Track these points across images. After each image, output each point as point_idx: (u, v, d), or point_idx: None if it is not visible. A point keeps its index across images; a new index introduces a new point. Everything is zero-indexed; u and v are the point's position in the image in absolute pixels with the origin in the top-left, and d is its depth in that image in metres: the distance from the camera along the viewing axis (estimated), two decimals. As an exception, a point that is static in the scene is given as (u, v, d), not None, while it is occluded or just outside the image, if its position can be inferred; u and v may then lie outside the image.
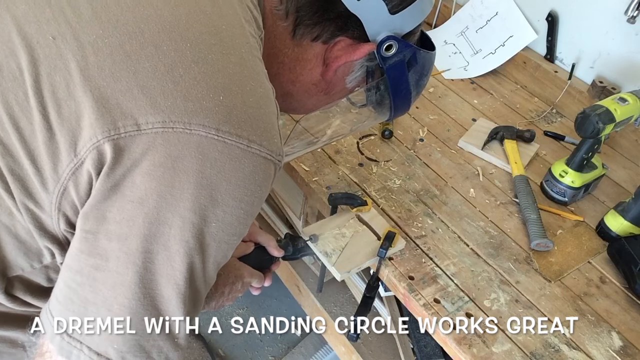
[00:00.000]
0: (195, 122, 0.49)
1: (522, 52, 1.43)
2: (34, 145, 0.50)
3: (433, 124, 1.29)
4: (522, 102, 1.41)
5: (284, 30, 0.65)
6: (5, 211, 0.53)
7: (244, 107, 0.52)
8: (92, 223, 0.52)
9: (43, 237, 0.55)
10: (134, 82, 0.49)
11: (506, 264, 0.98)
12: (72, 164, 0.50)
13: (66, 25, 0.51)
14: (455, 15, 1.55)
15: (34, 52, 0.50)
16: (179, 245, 0.52)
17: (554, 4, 1.37)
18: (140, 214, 0.50)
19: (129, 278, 0.52)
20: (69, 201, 0.53)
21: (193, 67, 0.50)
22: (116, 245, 0.51)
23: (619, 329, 0.90)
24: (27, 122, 0.50)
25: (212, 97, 0.50)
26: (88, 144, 0.49)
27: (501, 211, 1.08)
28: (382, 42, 0.66)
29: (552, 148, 1.27)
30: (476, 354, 0.83)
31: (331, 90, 0.73)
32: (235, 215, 0.54)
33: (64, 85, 0.49)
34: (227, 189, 0.52)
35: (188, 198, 0.50)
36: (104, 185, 0.50)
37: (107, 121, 0.48)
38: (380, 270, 0.94)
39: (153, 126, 0.48)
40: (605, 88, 1.29)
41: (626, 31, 1.25)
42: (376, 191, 1.09)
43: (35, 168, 0.51)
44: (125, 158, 0.49)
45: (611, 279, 0.98)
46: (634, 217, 1.01)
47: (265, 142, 0.52)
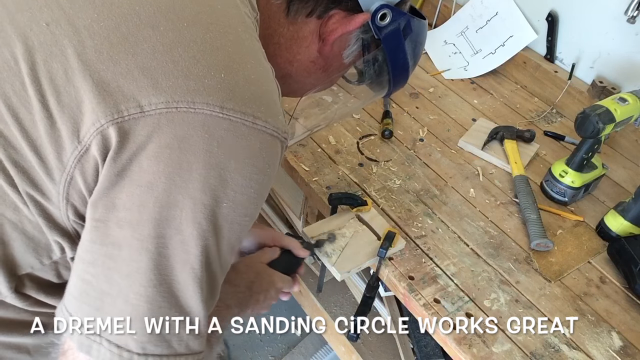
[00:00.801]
0: (198, 101, 0.48)
1: (522, 52, 1.43)
2: (36, 135, 0.50)
3: (433, 124, 1.29)
4: (522, 102, 1.41)
5: (278, 8, 0.64)
6: (10, 206, 0.52)
7: (246, 84, 0.51)
8: (101, 211, 0.51)
9: (52, 230, 0.54)
10: (134, 63, 0.48)
11: (506, 264, 0.98)
12: (77, 151, 0.49)
13: (59, 11, 0.50)
14: (455, 15, 1.55)
15: (28, 40, 0.49)
16: (192, 228, 0.51)
17: (554, 4, 1.37)
18: (150, 198, 0.49)
19: (143, 265, 0.51)
20: (77, 190, 0.52)
21: (192, 46, 0.50)
22: (128, 232, 0.50)
23: (619, 329, 0.90)
24: (27, 111, 0.49)
25: (213, 74, 0.49)
26: (92, 129, 0.48)
27: (501, 211, 1.08)
28: (376, 12, 0.66)
29: (552, 148, 1.27)
30: (476, 354, 0.83)
31: (329, 66, 0.72)
32: (246, 195, 0.53)
33: (62, 71, 0.49)
34: (236, 168, 0.51)
35: (197, 179, 0.50)
36: (110, 170, 0.49)
37: (109, 105, 0.48)
38: (380, 270, 0.94)
39: (156, 107, 0.48)
40: (605, 88, 1.29)
41: (626, 31, 1.25)
42: (376, 191, 1.09)
43: (39, 158, 0.50)
44: (131, 142, 0.48)
45: (611, 279, 0.98)
46: (634, 217, 1.01)
47: (270, 119, 0.52)
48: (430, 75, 1.47)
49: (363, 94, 0.84)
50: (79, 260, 0.53)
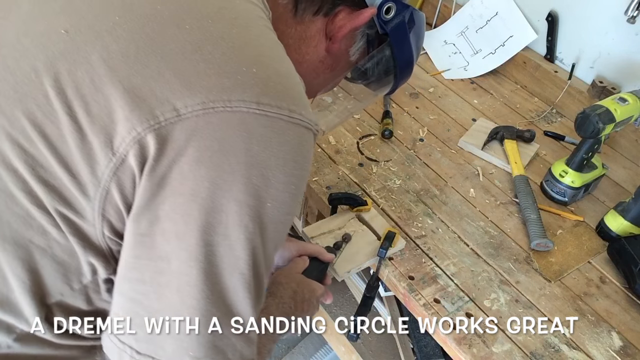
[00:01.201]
0: (235, 99, 0.46)
1: (522, 52, 1.43)
2: (66, 151, 0.47)
3: (433, 124, 1.29)
4: (522, 102, 1.41)
5: (284, 9, 0.63)
6: (38, 231, 0.49)
7: (278, 78, 0.50)
8: (145, 225, 0.48)
9: (86, 249, 0.51)
10: (164, 65, 0.46)
11: (506, 264, 0.98)
12: (112, 163, 0.47)
13: (77, 16, 0.48)
14: (455, 15, 1.55)
15: (48, 50, 0.47)
16: (239, 232, 0.49)
17: (554, 4, 1.37)
18: (195, 205, 0.47)
19: (194, 277, 0.49)
20: (113, 205, 0.49)
21: (220, 43, 0.48)
22: (175, 244, 0.48)
23: (619, 329, 0.90)
24: (54, 126, 0.46)
25: (245, 70, 0.48)
26: (127, 138, 0.46)
27: (501, 211, 1.08)
28: (381, 6, 0.65)
29: (552, 148, 1.27)
30: (476, 354, 0.83)
31: (336, 65, 0.72)
32: (288, 192, 0.51)
33: (88, 80, 0.46)
34: (277, 165, 0.49)
35: (240, 180, 0.47)
36: (150, 181, 0.47)
37: (143, 111, 0.45)
38: (380, 270, 0.94)
39: (193, 109, 0.46)
40: (605, 88, 1.29)
41: (626, 31, 1.25)
42: (376, 191, 1.09)
43: (70, 175, 0.47)
44: (169, 148, 0.46)
45: (611, 279, 0.98)
46: (634, 217, 1.01)
47: (304, 112, 0.50)
48: (430, 75, 1.47)
49: (366, 92, 0.83)
50: (123, 280, 0.51)
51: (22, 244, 0.49)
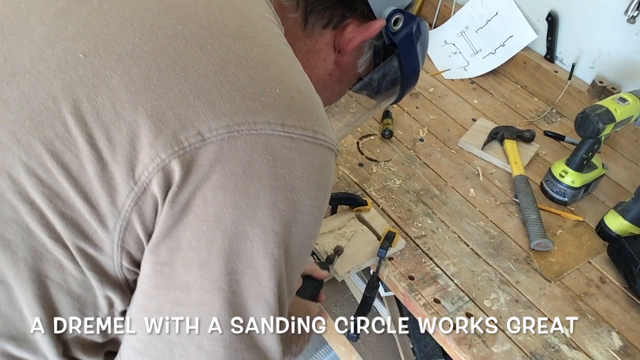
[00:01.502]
0: (260, 121, 0.45)
1: (522, 52, 1.43)
2: (85, 181, 0.45)
3: (433, 124, 1.29)
4: (522, 102, 1.41)
5: (294, 23, 0.62)
6: (54, 265, 0.47)
7: (300, 97, 0.48)
8: (165, 253, 0.46)
9: (103, 283, 0.49)
10: (187, 88, 0.44)
11: (506, 264, 0.98)
12: (133, 192, 0.45)
13: (95, 39, 0.46)
14: (455, 15, 1.55)
15: (65, 75, 0.45)
16: (265, 259, 0.47)
17: (554, 4, 1.37)
18: (219, 232, 0.45)
19: (217, 306, 0.47)
20: (133, 235, 0.47)
21: (243, 63, 0.46)
22: (197, 273, 0.46)
23: (619, 329, 0.90)
24: (73, 155, 0.44)
25: (269, 91, 0.46)
26: (150, 166, 0.44)
27: (501, 211, 1.08)
28: (389, 17, 0.65)
29: (552, 148, 1.27)
30: (476, 354, 0.83)
31: (344, 77, 0.71)
32: (312, 215, 0.50)
33: (109, 105, 0.44)
34: (302, 188, 0.48)
35: (265, 205, 0.46)
36: (173, 208, 0.45)
37: (167, 136, 0.43)
38: (380, 270, 0.94)
39: (218, 133, 0.44)
40: (605, 88, 1.29)
41: (626, 31, 1.25)
42: (376, 191, 1.09)
43: (89, 206, 0.45)
44: (193, 174, 0.44)
45: (611, 279, 0.98)
46: (634, 217, 1.01)
47: (326, 131, 0.49)
48: (430, 75, 1.47)
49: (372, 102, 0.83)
50: (140, 311, 0.49)
51: (38, 280, 0.48)
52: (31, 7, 0.49)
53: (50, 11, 0.48)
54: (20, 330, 0.49)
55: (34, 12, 0.48)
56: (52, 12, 0.48)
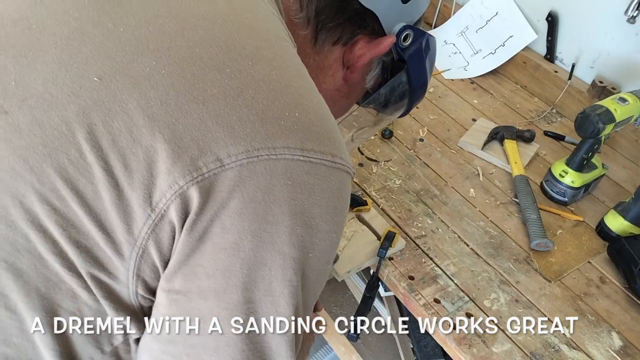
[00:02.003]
0: (279, 146, 0.44)
1: (522, 52, 1.43)
2: (100, 209, 0.44)
3: (433, 124, 1.29)
4: (522, 102, 1.41)
5: (304, 39, 0.61)
6: (67, 295, 0.47)
7: (318, 121, 0.47)
8: (181, 282, 0.46)
9: (117, 312, 0.48)
10: (206, 112, 0.43)
11: (506, 264, 0.98)
12: (150, 220, 0.44)
13: (110, 62, 0.44)
14: (455, 15, 1.55)
15: (80, 100, 0.43)
16: (283, 286, 0.46)
17: (554, 4, 1.37)
18: (237, 260, 0.45)
19: (234, 337, 0.46)
20: (149, 263, 0.46)
21: (262, 86, 0.45)
22: (214, 302, 0.45)
23: (619, 329, 0.90)
24: (87, 182, 0.43)
25: (288, 115, 0.45)
26: (168, 193, 0.43)
27: (501, 211, 1.08)
28: (399, 33, 0.65)
29: (552, 148, 1.27)
30: (476, 354, 0.83)
31: (352, 92, 0.71)
32: (329, 241, 0.49)
33: (126, 131, 0.43)
34: (320, 213, 0.47)
35: (284, 231, 0.45)
36: (190, 235, 0.44)
37: (185, 163, 0.42)
38: (380, 270, 0.94)
39: (237, 158, 0.43)
40: (605, 88, 1.29)
41: (626, 31, 1.25)
42: (376, 191, 1.09)
43: (104, 234, 0.44)
44: (212, 201, 0.43)
45: (611, 279, 0.98)
46: (634, 217, 1.01)
47: (344, 155, 0.48)
48: (430, 75, 1.47)
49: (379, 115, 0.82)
50: (153, 340, 0.48)
51: (51, 310, 0.47)
52: (43, 29, 0.47)
53: (63, 33, 0.47)
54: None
55: (46, 34, 0.47)
56: (65, 33, 0.46)
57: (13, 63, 0.46)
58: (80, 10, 0.47)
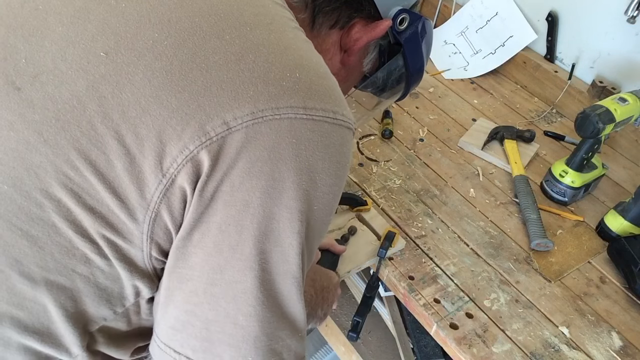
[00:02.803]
0: (282, 105, 0.46)
1: (522, 52, 1.43)
2: (113, 176, 0.46)
3: (433, 124, 1.29)
4: (522, 102, 1.41)
5: (302, 23, 0.61)
6: (80, 260, 0.49)
7: (319, 80, 0.50)
8: (197, 238, 0.48)
9: (132, 273, 0.51)
10: (210, 79, 0.46)
11: (506, 264, 0.98)
12: (162, 185, 0.46)
13: (115, 37, 0.47)
14: (455, 15, 1.55)
15: (88, 75, 0.46)
16: (291, 238, 0.49)
17: (554, 4, 1.37)
18: (247, 216, 0.47)
19: (249, 284, 0.49)
20: (162, 227, 0.49)
21: (262, 50, 0.48)
22: (228, 254, 0.48)
23: (619, 329, 0.90)
24: (100, 152, 0.46)
25: (289, 76, 0.48)
26: (179, 158, 0.45)
27: (501, 211, 1.08)
28: (395, 17, 0.65)
29: (552, 148, 1.27)
30: (476, 354, 0.83)
31: (350, 76, 0.72)
32: (332, 193, 0.52)
33: (134, 101, 0.45)
34: (323, 168, 0.49)
35: (290, 187, 0.48)
36: (202, 197, 0.47)
37: (194, 128, 0.45)
38: (380, 270, 0.94)
39: (242, 120, 0.46)
40: (605, 88, 1.29)
41: (626, 31, 1.25)
42: (376, 191, 1.09)
43: (119, 200, 0.47)
44: (221, 162, 0.46)
45: (611, 279, 0.98)
46: (634, 217, 1.01)
47: (345, 111, 0.51)
48: (430, 75, 1.47)
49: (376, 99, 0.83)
50: (176, 291, 0.50)
51: (65, 274, 0.49)
52: (49, 9, 0.50)
53: (69, 11, 0.49)
54: (44, 324, 0.50)
55: (52, 14, 0.49)
56: (70, 12, 0.49)
57: (23, 42, 0.48)
58: None
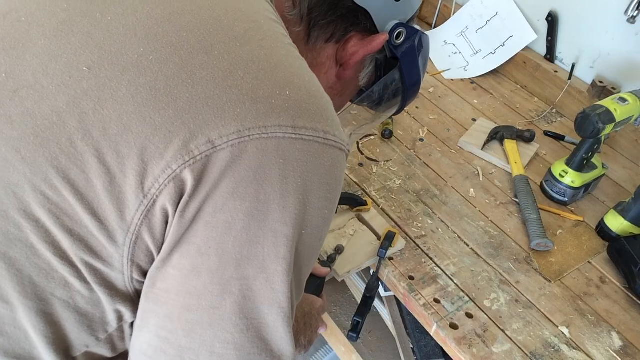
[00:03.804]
0: (270, 124, 0.44)
1: (522, 52, 1.43)
2: (92, 196, 0.44)
3: (433, 124, 1.29)
4: (522, 102, 1.41)
5: (297, 36, 0.61)
6: (60, 284, 0.47)
7: (310, 98, 0.48)
8: (175, 261, 0.46)
9: (113, 298, 0.48)
10: (195, 95, 0.44)
11: (506, 264, 0.98)
12: (143, 206, 0.44)
13: (99, 51, 0.45)
14: (455, 15, 1.55)
15: (69, 90, 0.44)
16: (276, 264, 0.47)
17: (554, 4, 1.37)
18: (229, 238, 0.45)
19: (228, 311, 0.46)
20: (143, 249, 0.47)
21: (251, 66, 0.46)
22: (207, 279, 0.46)
23: (619, 329, 0.90)
24: (79, 171, 0.44)
25: (279, 93, 0.46)
26: (161, 177, 0.43)
27: (501, 211, 1.08)
28: (392, 31, 0.65)
29: (552, 148, 1.27)
30: (476, 354, 0.83)
31: (345, 90, 0.71)
32: (322, 217, 0.49)
33: (116, 118, 0.43)
34: (312, 190, 0.47)
35: (276, 209, 0.45)
36: (183, 217, 0.44)
37: (177, 147, 0.43)
38: (380, 270, 0.94)
39: (228, 139, 0.43)
40: (605, 88, 1.29)
41: (626, 31, 1.25)
42: (376, 191, 1.09)
43: (98, 222, 0.45)
44: (204, 182, 0.44)
45: (611, 279, 0.98)
46: (634, 217, 1.01)
47: (337, 132, 0.49)
48: (430, 75, 1.47)
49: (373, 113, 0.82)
50: (151, 315, 0.48)
51: (44, 298, 0.47)
52: (32, 21, 0.48)
53: (52, 24, 0.47)
54: (26, 350, 0.49)
55: (35, 26, 0.47)
56: (53, 25, 0.47)
57: (3, 55, 0.46)
58: (68, 2, 0.48)
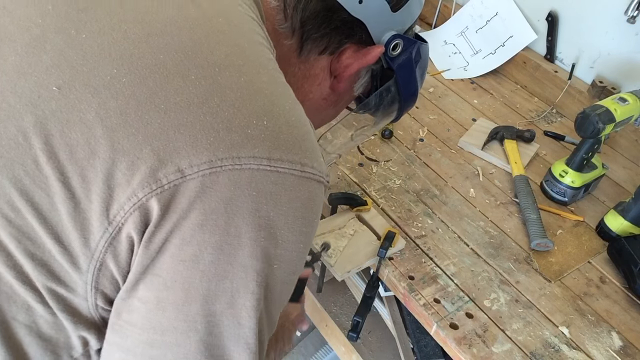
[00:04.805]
0: (244, 155, 0.43)
1: (522, 52, 1.43)
2: (56, 221, 0.43)
3: (433, 124, 1.29)
4: (522, 102, 1.41)
5: (289, 49, 0.60)
6: (22, 308, 0.45)
7: (289, 129, 0.46)
8: (139, 293, 0.45)
9: (76, 324, 0.47)
10: (167, 121, 0.42)
11: (506, 264, 0.98)
12: (107, 233, 0.43)
13: (70, 70, 0.43)
14: (455, 15, 1.55)
15: (37, 109, 0.42)
16: (245, 299, 0.45)
17: (554, 4, 1.37)
18: (196, 273, 0.43)
19: (192, 349, 0.45)
20: (108, 276, 0.45)
21: (229, 94, 0.44)
22: (172, 314, 0.44)
23: (619, 329, 0.90)
24: (44, 194, 0.42)
25: (255, 123, 0.44)
26: (126, 205, 0.42)
27: (501, 211, 1.08)
28: (388, 42, 0.64)
29: (552, 148, 1.27)
30: (476, 354, 0.83)
31: (340, 101, 0.70)
32: (296, 251, 0.48)
33: (84, 142, 0.42)
34: (286, 224, 0.45)
35: (247, 243, 0.44)
36: (149, 247, 0.43)
37: (144, 174, 0.41)
38: (380, 270, 0.94)
39: (199, 169, 0.42)
40: (605, 88, 1.29)
41: (626, 31, 1.25)
42: (376, 191, 1.09)
43: (61, 247, 0.43)
44: (171, 212, 0.42)
45: (611, 279, 0.98)
46: (634, 217, 1.01)
47: (315, 164, 0.47)
48: (430, 75, 1.47)
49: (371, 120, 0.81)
50: (115, 348, 0.47)
51: (5, 321, 0.45)
52: (3, 36, 0.46)
53: (24, 40, 0.45)
54: None
55: (6, 41, 0.45)
56: (26, 40, 0.45)
57: None
58: (43, 17, 0.46)
